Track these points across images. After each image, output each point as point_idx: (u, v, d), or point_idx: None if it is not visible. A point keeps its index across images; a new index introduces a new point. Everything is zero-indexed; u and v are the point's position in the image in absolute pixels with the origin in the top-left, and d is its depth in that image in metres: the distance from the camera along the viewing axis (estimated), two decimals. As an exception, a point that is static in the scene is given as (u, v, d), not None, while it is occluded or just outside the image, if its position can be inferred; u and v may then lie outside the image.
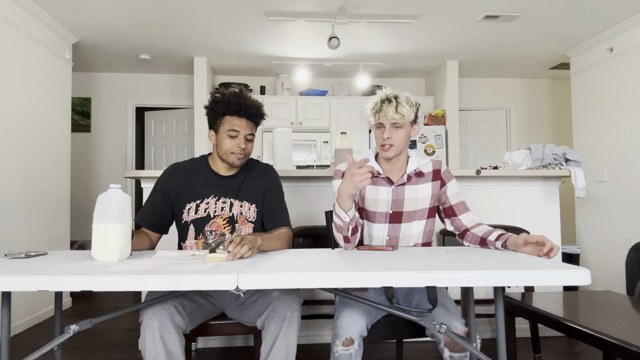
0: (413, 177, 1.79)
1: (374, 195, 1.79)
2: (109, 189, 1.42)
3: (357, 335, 1.53)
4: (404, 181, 1.78)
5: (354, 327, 1.54)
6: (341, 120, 5.58)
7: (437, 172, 1.81)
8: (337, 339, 1.54)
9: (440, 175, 1.81)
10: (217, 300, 1.78)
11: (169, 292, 1.50)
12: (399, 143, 1.73)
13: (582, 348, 2.81)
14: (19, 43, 3.43)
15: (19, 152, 3.39)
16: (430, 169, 1.82)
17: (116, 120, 5.63)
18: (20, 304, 3.33)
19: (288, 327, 1.53)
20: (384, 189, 1.79)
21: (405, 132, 1.73)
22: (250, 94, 1.88)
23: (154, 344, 1.44)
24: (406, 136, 1.74)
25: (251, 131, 1.83)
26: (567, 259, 4.10)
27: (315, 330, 2.94)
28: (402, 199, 1.78)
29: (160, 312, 1.48)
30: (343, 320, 1.56)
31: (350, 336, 1.52)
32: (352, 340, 1.52)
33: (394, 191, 1.78)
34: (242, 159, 1.82)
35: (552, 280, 1.13)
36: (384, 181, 1.80)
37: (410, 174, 1.79)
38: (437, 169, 1.82)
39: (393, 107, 1.69)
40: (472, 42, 4.62)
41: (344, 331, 1.53)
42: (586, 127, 4.63)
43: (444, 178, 1.81)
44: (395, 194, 1.78)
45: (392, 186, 1.78)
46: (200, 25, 4.12)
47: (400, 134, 1.72)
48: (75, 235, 5.17)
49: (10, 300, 1.31)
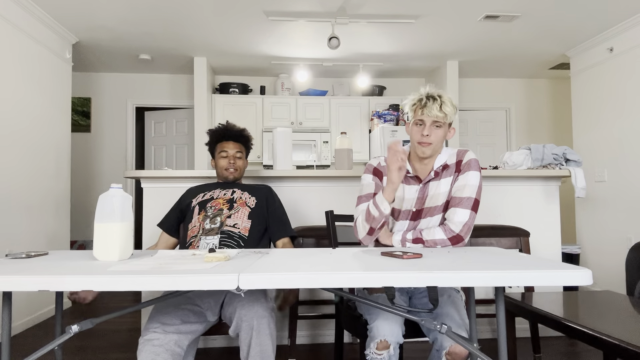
0: (440, 172, 1.75)
1: (400, 194, 1.77)
2: (110, 188, 1.43)
3: (393, 340, 1.49)
4: (431, 177, 1.74)
5: (389, 330, 1.50)
6: (341, 120, 5.58)
7: (458, 164, 1.73)
8: (371, 342, 1.51)
9: (460, 166, 1.73)
10: (205, 309, 1.80)
11: (170, 292, 1.51)
12: (436, 142, 1.70)
13: (582, 348, 2.81)
14: (19, 43, 3.43)
15: (19, 152, 3.39)
16: (454, 161, 1.75)
17: (116, 120, 5.63)
18: (20, 304, 3.33)
19: (259, 335, 1.57)
20: (411, 187, 1.76)
21: (443, 132, 1.71)
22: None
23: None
24: (443, 137, 1.71)
25: (239, 149, 2.21)
26: (567, 259, 4.10)
27: (316, 330, 2.94)
28: (426, 195, 1.74)
29: (161, 349, 1.55)
30: (379, 322, 1.52)
31: (386, 339, 1.49)
32: (388, 344, 1.48)
33: (420, 189, 1.75)
34: (235, 173, 2.18)
35: (552, 280, 1.13)
36: (412, 180, 1.77)
37: (437, 170, 1.75)
38: (459, 160, 1.74)
39: (437, 105, 1.66)
40: (472, 42, 4.62)
41: (378, 333, 1.50)
42: (586, 127, 4.64)
43: (462, 169, 1.72)
44: (421, 192, 1.75)
45: (420, 184, 1.75)
46: (200, 25, 4.13)
47: (440, 134, 1.70)
48: (75, 235, 5.18)
49: (10, 300, 1.31)
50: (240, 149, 2.22)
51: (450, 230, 1.63)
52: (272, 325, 1.61)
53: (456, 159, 1.75)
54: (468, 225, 1.64)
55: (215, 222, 1.97)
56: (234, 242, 1.93)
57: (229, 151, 2.18)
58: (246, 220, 2.01)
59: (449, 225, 1.65)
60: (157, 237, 2.64)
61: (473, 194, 1.66)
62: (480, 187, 1.69)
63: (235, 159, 2.18)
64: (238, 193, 2.12)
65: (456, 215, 1.65)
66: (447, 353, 1.48)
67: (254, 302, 1.63)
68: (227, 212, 2.01)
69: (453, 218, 1.65)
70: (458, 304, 1.67)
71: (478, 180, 1.68)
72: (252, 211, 2.05)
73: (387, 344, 1.49)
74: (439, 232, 1.64)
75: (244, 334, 1.58)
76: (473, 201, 1.66)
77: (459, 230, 1.63)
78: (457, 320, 1.57)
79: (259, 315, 1.59)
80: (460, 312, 1.64)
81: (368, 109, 5.63)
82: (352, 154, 3.03)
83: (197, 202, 2.11)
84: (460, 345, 1.45)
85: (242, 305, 1.63)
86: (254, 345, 1.56)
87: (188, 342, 1.64)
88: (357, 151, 5.48)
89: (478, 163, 1.73)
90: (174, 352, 1.56)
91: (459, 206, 1.66)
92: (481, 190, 1.70)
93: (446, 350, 1.48)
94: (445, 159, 1.76)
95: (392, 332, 1.50)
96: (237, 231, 1.96)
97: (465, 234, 1.64)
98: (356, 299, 1.41)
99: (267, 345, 1.58)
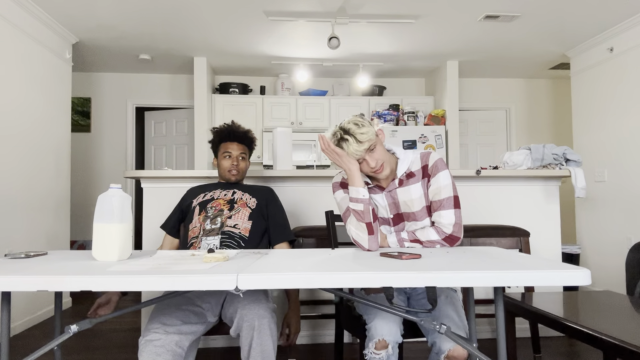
0: (404, 180, 1.74)
1: (373, 203, 1.77)
2: (109, 188, 1.43)
3: (391, 339, 1.49)
4: (395, 186, 1.74)
5: (387, 330, 1.50)
6: (341, 121, 5.57)
7: (425, 169, 1.73)
8: (369, 342, 1.51)
9: (427, 170, 1.72)
10: (206, 310, 1.81)
11: (170, 293, 1.51)
12: (383, 158, 1.68)
13: (582, 348, 2.81)
14: (19, 43, 3.43)
15: (18, 152, 3.39)
16: (419, 166, 1.74)
17: (116, 120, 5.63)
18: (20, 304, 3.33)
19: (260, 335, 1.57)
20: (377, 195, 1.77)
21: (379, 146, 1.68)
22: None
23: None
24: (383, 149, 1.69)
25: (243, 151, 2.19)
26: (567, 259, 4.10)
27: (317, 330, 2.94)
28: (398, 202, 1.75)
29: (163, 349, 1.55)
30: (377, 322, 1.52)
31: (384, 338, 1.48)
32: (386, 344, 1.48)
33: (387, 196, 1.76)
34: (237, 175, 2.16)
35: (552, 280, 1.13)
36: (376, 189, 1.77)
37: (401, 178, 1.74)
38: (425, 165, 1.73)
39: (353, 142, 1.63)
40: (472, 42, 4.62)
41: (376, 333, 1.50)
42: (586, 127, 4.63)
43: (430, 173, 1.71)
44: (389, 198, 1.76)
45: (384, 192, 1.76)
46: (200, 25, 4.13)
47: (379, 151, 1.67)
48: (75, 235, 5.18)
49: (10, 301, 1.31)
50: (244, 150, 2.20)
51: (442, 232, 1.65)
52: (273, 325, 1.61)
53: (421, 164, 1.74)
54: (457, 224, 1.65)
55: (216, 223, 1.97)
56: (235, 242, 1.93)
57: (232, 152, 2.16)
58: (247, 221, 2.01)
59: (440, 228, 1.66)
60: (157, 237, 2.65)
61: (450, 192, 1.68)
62: (454, 183, 1.71)
63: (239, 161, 2.16)
64: (239, 194, 2.11)
65: (442, 217, 1.66)
66: (446, 357, 1.47)
67: (255, 302, 1.63)
68: (228, 213, 2.01)
69: (441, 221, 1.66)
70: (456, 304, 1.67)
71: (449, 178, 1.70)
72: (253, 212, 2.05)
73: (385, 344, 1.49)
74: (433, 233, 1.66)
75: (245, 334, 1.59)
76: (453, 199, 1.67)
77: (451, 231, 1.65)
78: (455, 321, 1.57)
79: (260, 316, 1.59)
80: (459, 312, 1.64)
81: (368, 109, 5.63)
82: (352, 154, 3.02)
83: (197, 202, 2.10)
84: (459, 347, 1.45)
85: (243, 305, 1.63)
86: (254, 345, 1.57)
87: (189, 342, 1.64)
88: (357, 151, 5.47)
89: (443, 161, 1.74)
90: (175, 353, 1.56)
91: (441, 209, 1.67)
92: (455, 185, 1.71)
93: (445, 354, 1.47)
94: (407, 166, 1.75)
95: (391, 331, 1.50)
96: (238, 232, 1.96)
97: (457, 232, 1.66)
98: (354, 299, 1.41)
99: (268, 345, 1.58)
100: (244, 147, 2.20)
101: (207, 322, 1.77)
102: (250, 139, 2.23)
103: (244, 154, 2.19)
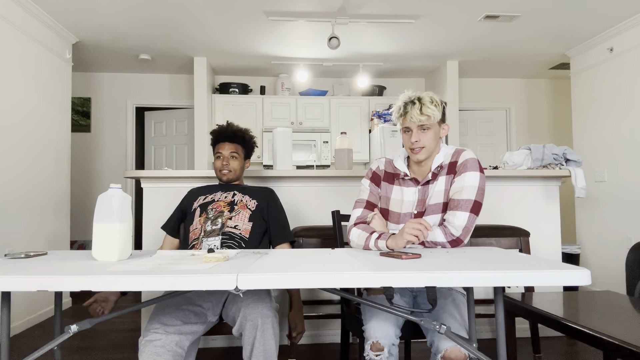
0: (437, 173, 1.73)
1: (399, 196, 1.76)
2: (109, 188, 1.42)
3: (386, 342, 1.49)
4: (428, 179, 1.73)
5: (382, 332, 1.50)
6: (341, 120, 5.58)
7: (452, 165, 1.70)
8: (365, 343, 1.52)
9: (455, 167, 1.69)
10: (206, 309, 1.81)
11: (170, 293, 1.51)
12: (429, 144, 1.68)
13: (582, 348, 2.81)
14: (19, 43, 3.43)
15: (18, 152, 3.39)
16: (449, 161, 1.72)
17: (116, 120, 5.63)
18: (20, 304, 3.33)
19: (263, 334, 1.57)
20: (410, 189, 1.75)
21: (433, 133, 1.68)
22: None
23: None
24: (435, 137, 1.69)
25: (234, 150, 2.17)
26: (567, 259, 4.10)
27: (317, 330, 2.94)
28: (427, 197, 1.72)
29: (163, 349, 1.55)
30: (372, 323, 1.53)
31: (378, 340, 1.49)
32: (381, 346, 1.48)
33: (419, 191, 1.74)
34: (228, 174, 2.16)
35: (552, 281, 1.13)
36: (410, 182, 1.76)
37: (434, 171, 1.73)
38: (454, 161, 1.70)
39: (417, 109, 1.64)
40: (472, 42, 4.62)
41: (370, 335, 1.51)
42: (586, 127, 4.63)
43: (457, 170, 1.67)
44: (420, 193, 1.74)
45: (418, 186, 1.74)
46: (200, 25, 4.12)
47: (429, 136, 1.67)
48: (75, 235, 5.18)
49: (10, 300, 1.31)
50: (235, 149, 2.18)
51: (450, 233, 1.61)
52: (276, 325, 1.61)
53: (451, 159, 1.72)
54: (467, 228, 1.61)
55: (217, 224, 1.97)
56: (235, 243, 1.93)
57: (223, 152, 2.17)
58: (247, 222, 2.01)
59: (448, 229, 1.62)
60: (157, 237, 2.65)
61: (472, 195, 1.62)
62: (482, 188, 1.64)
63: (229, 160, 2.16)
64: (239, 196, 2.12)
65: (455, 218, 1.61)
66: (442, 357, 1.45)
67: (258, 302, 1.63)
68: (228, 214, 2.02)
69: (453, 221, 1.61)
70: (460, 307, 1.66)
71: (477, 181, 1.63)
72: (253, 214, 2.06)
73: (380, 346, 1.48)
74: (439, 234, 1.61)
75: (248, 333, 1.58)
76: (472, 203, 1.61)
77: (459, 234, 1.61)
78: (458, 321, 1.57)
79: (263, 315, 1.59)
80: (462, 314, 1.63)
81: (368, 109, 5.63)
82: (352, 154, 3.03)
83: (198, 204, 2.12)
84: (456, 348, 1.44)
85: (246, 304, 1.63)
86: (257, 344, 1.56)
87: (189, 342, 1.64)
88: (357, 151, 5.48)
89: (477, 162, 1.67)
90: (175, 353, 1.56)
91: (457, 209, 1.62)
92: (483, 192, 1.64)
93: (441, 354, 1.45)
94: (442, 159, 1.74)
95: (385, 334, 1.50)
96: (238, 232, 1.96)
97: (464, 237, 1.62)
98: (353, 299, 1.40)
99: (271, 345, 1.58)
100: (236, 145, 2.19)
101: (208, 322, 1.77)
102: (242, 137, 2.22)
103: (235, 153, 2.18)
